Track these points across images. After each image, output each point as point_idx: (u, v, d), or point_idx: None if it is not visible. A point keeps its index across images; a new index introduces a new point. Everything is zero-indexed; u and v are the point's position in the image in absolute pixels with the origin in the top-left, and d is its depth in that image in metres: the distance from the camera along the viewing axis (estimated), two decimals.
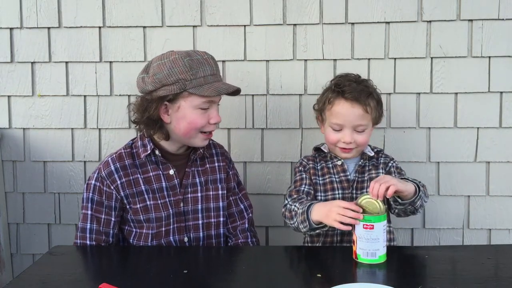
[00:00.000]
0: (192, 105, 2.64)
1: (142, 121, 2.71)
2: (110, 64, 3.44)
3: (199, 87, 2.61)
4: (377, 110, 2.80)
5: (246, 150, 3.40)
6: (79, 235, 2.74)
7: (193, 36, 3.37)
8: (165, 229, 2.75)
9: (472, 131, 3.32)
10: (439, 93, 3.30)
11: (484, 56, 3.26)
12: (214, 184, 2.86)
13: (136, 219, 2.74)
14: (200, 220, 2.81)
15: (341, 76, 2.87)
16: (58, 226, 3.58)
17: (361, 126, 2.74)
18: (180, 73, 2.59)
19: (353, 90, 2.72)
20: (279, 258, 2.60)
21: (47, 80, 3.47)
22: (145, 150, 2.75)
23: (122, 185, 2.72)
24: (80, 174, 3.52)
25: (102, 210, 2.72)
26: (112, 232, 2.75)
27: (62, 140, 3.51)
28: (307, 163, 2.90)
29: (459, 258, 2.47)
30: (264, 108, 3.39)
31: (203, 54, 2.68)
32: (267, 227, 3.44)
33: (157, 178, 2.76)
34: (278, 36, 3.34)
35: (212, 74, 2.67)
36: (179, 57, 2.61)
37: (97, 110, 3.47)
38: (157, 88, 2.63)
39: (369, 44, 3.31)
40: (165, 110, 2.67)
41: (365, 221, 2.34)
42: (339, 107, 2.74)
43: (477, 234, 3.40)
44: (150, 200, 2.73)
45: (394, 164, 2.87)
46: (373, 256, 2.34)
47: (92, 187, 2.74)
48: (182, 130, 2.68)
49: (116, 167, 2.73)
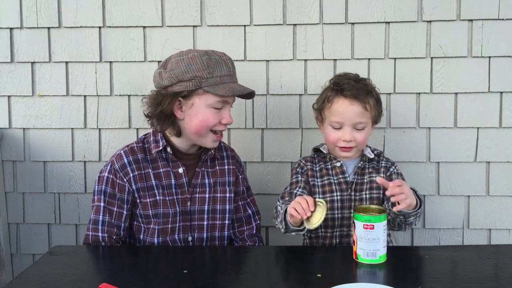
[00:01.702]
0: (206, 103, 2.65)
1: (155, 115, 2.72)
2: (110, 64, 3.44)
3: (215, 86, 2.62)
4: (376, 109, 2.81)
5: (246, 150, 3.39)
6: (91, 227, 2.74)
7: (193, 36, 3.37)
8: (171, 226, 2.76)
9: (472, 131, 3.31)
10: (439, 93, 3.30)
11: (484, 56, 3.26)
12: (222, 187, 2.87)
13: (145, 214, 2.75)
14: (205, 221, 2.82)
15: (340, 75, 2.88)
16: (58, 226, 3.57)
17: (361, 124, 2.74)
18: (197, 70, 2.61)
19: (352, 88, 2.73)
20: (279, 258, 2.60)
21: (47, 80, 3.47)
22: (157, 146, 2.76)
23: (135, 178, 2.73)
24: (80, 174, 3.52)
25: (114, 202, 2.74)
26: (124, 225, 2.76)
27: (62, 140, 3.51)
28: (305, 164, 2.90)
29: (459, 258, 2.47)
30: (264, 108, 3.39)
31: (221, 55, 2.70)
32: (267, 227, 3.44)
33: (167, 175, 2.77)
34: (278, 36, 3.34)
35: (229, 74, 2.69)
36: (198, 55, 2.63)
37: (97, 110, 3.47)
38: (173, 83, 2.64)
39: (369, 44, 3.31)
40: (178, 106, 2.68)
41: (365, 221, 2.34)
42: (338, 104, 2.75)
43: (477, 234, 3.40)
44: (160, 196, 2.75)
45: (395, 170, 2.87)
46: (373, 256, 2.34)
47: (105, 180, 2.75)
48: (194, 127, 2.68)
49: (129, 160, 2.74)
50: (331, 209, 2.79)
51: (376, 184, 2.80)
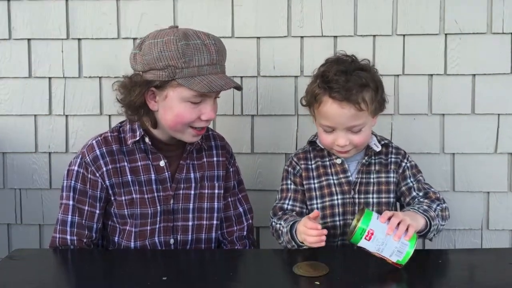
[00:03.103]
0: (180, 97, 2.58)
1: (126, 104, 2.68)
2: (79, 41, 3.42)
3: (190, 78, 2.55)
4: (375, 101, 2.68)
5: (234, 140, 3.34)
6: (59, 228, 2.71)
7: (173, 10, 3.36)
8: (150, 228, 2.74)
9: (492, 118, 3.32)
10: (454, 74, 3.30)
11: (506, 33, 3.25)
12: (210, 182, 2.84)
13: (120, 214, 2.72)
14: (190, 221, 2.80)
15: (330, 63, 2.74)
16: (19, 227, 3.57)
17: (356, 127, 2.66)
18: (170, 59, 2.53)
19: (341, 87, 2.59)
20: (271, 262, 2.60)
21: (6, 60, 3.45)
22: (133, 136, 2.72)
23: (108, 173, 2.70)
24: (44, 168, 3.51)
25: (85, 200, 2.71)
26: (96, 226, 2.73)
27: (24, 129, 3.49)
28: (297, 163, 2.87)
29: (477, 263, 2.47)
30: (254, 92, 3.39)
31: (204, 38, 2.59)
32: (258, 228, 3.44)
33: (146, 169, 2.74)
34: (271, 9, 3.33)
35: (210, 64, 2.58)
36: (174, 39, 2.54)
37: (63, 94, 3.45)
38: (145, 70, 2.59)
39: (375, 18, 3.30)
40: (152, 96, 2.63)
41: (363, 233, 2.30)
42: (326, 107, 2.64)
43: (498, 236, 3.41)
44: (136, 194, 2.72)
45: (408, 164, 2.83)
46: (401, 254, 2.31)
47: (74, 174, 2.71)
48: (169, 121, 2.64)
49: (102, 151, 2.71)
50: (332, 215, 2.79)
51: (385, 187, 2.79)
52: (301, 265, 2.37)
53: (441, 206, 2.69)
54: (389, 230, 2.30)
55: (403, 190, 2.80)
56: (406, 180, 2.80)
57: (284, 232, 2.65)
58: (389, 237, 2.29)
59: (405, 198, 2.79)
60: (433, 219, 2.56)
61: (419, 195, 2.76)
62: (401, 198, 2.81)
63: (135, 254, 2.69)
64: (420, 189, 2.77)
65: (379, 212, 2.39)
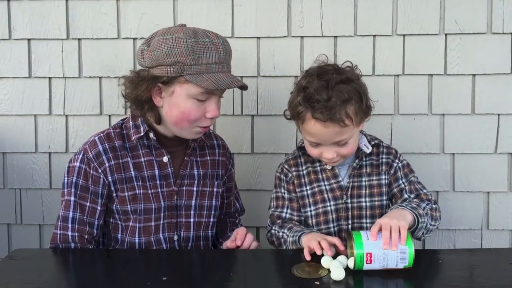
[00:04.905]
0: (187, 94, 2.60)
1: (131, 99, 2.69)
2: (79, 41, 3.42)
3: (198, 75, 2.57)
4: (360, 112, 2.60)
5: (234, 139, 3.37)
6: (60, 224, 2.71)
7: (173, 10, 3.36)
8: (155, 224, 2.75)
9: (492, 118, 3.32)
10: (454, 74, 3.29)
11: (506, 33, 3.25)
12: (211, 180, 2.87)
13: (122, 210, 2.72)
14: (192, 217, 2.82)
15: (310, 76, 2.63)
16: (19, 227, 3.56)
17: (342, 141, 2.61)
18: (180, 55, 2.55)
19: (323, 107, 2.51)
20: (271, 263, 2.60)
21: (6, 60, 3.45)
22: (137, 132, 2.73)
23: (111, 169, 2.70)
24: (44, 168, 3.51)
25: (87, 196, 2.70)
26: (97, 223, 2.73)
27: (24, 129, 3.49)
28: (288, 170, 2.85)
29: (477, 263, 2.46)
30: (254, 92, 3.39)
31: (213, 37, 2.63)
32: (258, 228, 3.44)
33: (149, 165, 2.75)
34: (271, 9, 3.33)
35: (218, 62, 2.61)
36: (184, 36, 2.56)
37: (63, 94, 3.45)
38: (153, 65, 2.60)
39: (375, 18, 3.30)
40: (158, 92, 2.65)
41: (363, 259, 2.30)
42: (309, 126, 2.59)
43: (498, 236, 3.41)
44: (140, 189, 2.72)
45: (400, 164, 2.81)
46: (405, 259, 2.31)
47: (76, 170, 2.71)
48: (174, 118, 2.65)
49: (104, 147, 2.71)
50: (326, 222, 2.78)
51: (377, 189, 2.77)
52: (301, 266, 2.38)
53: (430, 205, 2.68)
54: (385, 245, 2.29)
55: (395, 191, 2.78)
56: (398, 182, 2.78)
57: (289, 242, 2.64)
58: (387, 250, 2.30)
59: (397, 200, 2.77)
60: (421, 217, 2.53)
61: (411, 197, 2.75)
62: (392, 199, 2.80)
63: (135, 254, 2.69)
64: (412, 191, 2.76)
65: (372, 216, 2.40)
